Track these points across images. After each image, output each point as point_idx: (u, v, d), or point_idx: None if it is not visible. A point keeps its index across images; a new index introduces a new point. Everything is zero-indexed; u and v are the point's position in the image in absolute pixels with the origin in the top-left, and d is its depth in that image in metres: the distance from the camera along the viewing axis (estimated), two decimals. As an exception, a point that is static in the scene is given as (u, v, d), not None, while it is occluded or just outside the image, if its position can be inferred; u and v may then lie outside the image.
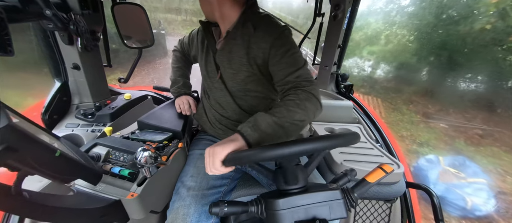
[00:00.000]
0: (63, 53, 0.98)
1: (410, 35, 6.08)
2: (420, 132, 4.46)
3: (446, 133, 4.28)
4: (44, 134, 0.41)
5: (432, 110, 4.97)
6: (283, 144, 0.41)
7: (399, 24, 6.46)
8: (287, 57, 0.63)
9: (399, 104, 5.37)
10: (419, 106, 5.14)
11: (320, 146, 0.43)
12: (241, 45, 0.69)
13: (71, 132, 0.94)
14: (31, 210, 0.41)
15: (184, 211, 0.61)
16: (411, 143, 4.21)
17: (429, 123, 4.69)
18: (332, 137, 0.44)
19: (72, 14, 0.83)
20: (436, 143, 4.12)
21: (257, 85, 0.75)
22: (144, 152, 0.55)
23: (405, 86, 5.72)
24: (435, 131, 4.41)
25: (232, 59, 0.72)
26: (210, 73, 0.83)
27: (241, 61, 0.70)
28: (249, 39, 0.68)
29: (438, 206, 0.82)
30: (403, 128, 4.68)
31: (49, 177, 0.40)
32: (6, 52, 0.53)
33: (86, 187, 0.56)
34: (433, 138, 4.23)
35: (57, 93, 1.00)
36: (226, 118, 0.85)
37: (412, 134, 4.44)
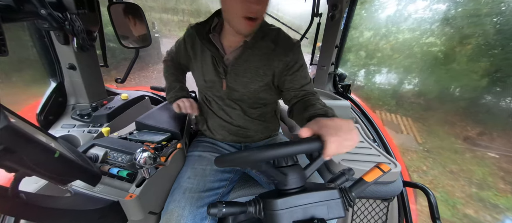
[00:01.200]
0: (58, 53, 0.97)
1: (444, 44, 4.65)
2: (469, 164, 3.62)
3: (500, 166, 3.46)
4: (42, 135, 0.41)
5: (473, 133, 4.09)
6: (278, 145, 0.41)
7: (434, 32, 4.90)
8: (301, 71, 0.75)
9: (433, 125, 4.44)
10: (457, 128, 4.25)
11: (317, 147, 0.43)
12: (260, 57, 0.73)
13: (67, 133, 0.93)
14: (28, 212, 0.40)
15: (179, 212, 0.60)
16: (467, 183, 3.29)
17: (475, 151, 3.81)
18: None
19: (68, 14, 0.82)
20: (495, 181, 3.30)
21: (267, 93, 0.80)
22: (143, 152, 0.54)
23: (436, 102, 4.66)
24: (486, 163, 3.60)
25: (247, 69, 0.73)
26: (211, 82, 0.78)
27: (257, 71, 0.74)
28: (270, 53, 0.74)
29: (435, 204, 0.84)
30: (448, 158, 3.79)
31: (48, 178, 0.40)
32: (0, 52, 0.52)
33: (83, 188, 0.56)
34: (488, 174, 3.39)
35: (53, 94, 0.99)
36: (229, 124, 0.84)
37: (462, 169, 3.56)
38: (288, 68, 0.73)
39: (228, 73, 0.74)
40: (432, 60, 4.70)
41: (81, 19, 0.87)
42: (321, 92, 1.60)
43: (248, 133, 0.85)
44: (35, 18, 0.68)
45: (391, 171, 0.86)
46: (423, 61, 4.79)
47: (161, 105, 1.05)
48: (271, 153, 0.41)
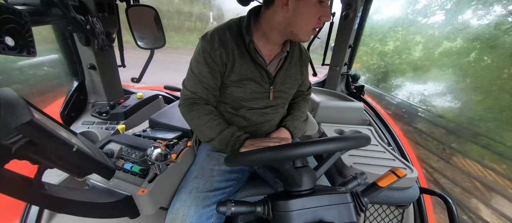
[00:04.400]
0: (80, 54, 1.03)
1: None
2: None
3: None
4: (63, 130, 0.43)
5: None
6: (293, 145, 0.40)
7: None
8: (308, 75, 0.86)
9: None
10: None
11: (329, 148, 0.42)
12: (297, 64, 0.78)
13: (87, 129, 0.98)
14: (50, 202, 0.43)
15: (184, 212, 0.60)
16: None
17: None
18: (342, 139, 0.43)
19: (90, 17, 0.87)
20: None
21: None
22: (155, 149, 0.56)
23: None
24: None
25: (288, 76, 0.77)
26: (256, 93, 0.72)
27: (295, 77, 0.78)
28: (302, 59, 0.80)
29: (455, 214, 0.78)
30: None
31: (67, 171, 0.43)
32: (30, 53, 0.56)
33: (100, 182, 0.59)
34: None
35: (75, 92, 1.06)
36: (252, 125, 0.79)
37: None
38: (306, 71, 0.84)
39: (275, 83, 0.73)
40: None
41: (101, 21, 0.93)
42: (332, 93, 1.57)
43: (263, 129, 0.82)
44: (61, 21, 0.73)
45: (407, 177, 0.82)
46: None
47: (173, 104, 1.08)
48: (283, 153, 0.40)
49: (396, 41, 2.95)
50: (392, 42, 2.96)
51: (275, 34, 0.67)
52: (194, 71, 0.68)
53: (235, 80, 0.69)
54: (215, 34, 0.67)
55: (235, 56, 0.67)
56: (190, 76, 0.70)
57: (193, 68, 0.69)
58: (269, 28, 0.66)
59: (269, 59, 0.72)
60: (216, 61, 0.66)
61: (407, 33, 2.78)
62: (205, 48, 0.66)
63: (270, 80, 0.72)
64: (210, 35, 0.67)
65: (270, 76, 0.72)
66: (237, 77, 0.69)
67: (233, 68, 0.68)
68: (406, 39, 2.79)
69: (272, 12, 0.63)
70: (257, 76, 0.70)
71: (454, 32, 2.09)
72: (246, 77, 0.69)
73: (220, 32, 0.67)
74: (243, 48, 0.67)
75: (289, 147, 0.40)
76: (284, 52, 0.72)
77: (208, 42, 0.66)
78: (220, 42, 0.66)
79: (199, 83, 0.68)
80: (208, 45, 0.65)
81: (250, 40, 0.65)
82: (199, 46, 0.67)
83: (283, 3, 0.59)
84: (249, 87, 0.70)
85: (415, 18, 2.68)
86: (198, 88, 0.69)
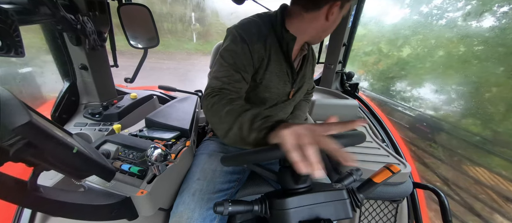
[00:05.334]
0: (71, 54, 1.00)
1: None
2: None
3: None
4: (60, 131, 0.42)
5: None
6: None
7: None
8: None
9: None
10: None
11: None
12: (310, 63, 0.81)
13: (79, 131, 0.96)
14: (45, 205, 0.42)
15: (188, 215, 0.60)
16: None
17: None
18: (337, 136, 0.44)
19: (80, 16, 0.84)
20: None
21: None
22: (155, 150, 0.55)
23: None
24: None
25: (304, 76, 0.78)
26: (280, 92, 0.71)
27: (309, 76, 0.81)
28: (313, 58, 0.83)
29: (447, 207, 0.81)
30: None
31: (65, 173, 0.42)
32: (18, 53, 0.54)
33: (96, 184, 0.58)
34: None
35: (66, 93, 1.03)
36: None
37: None
38: (313, 69, 0.86)
39: (296, 82, 0.75)
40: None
41: (92, 20, 0.90)
42: (328, 91, 1.58)
43: None
44: (50, 20, 0.71)
45: (401, 172, 0.84)
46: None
47: (170, 103, 1.06)
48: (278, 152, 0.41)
49: (417, 48, 2.51)
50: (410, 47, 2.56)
51: (305, 37, 0.68)
52: (228, 60, 0.59)
53: (267, 78, 0.66)
54: (252, 25, 0.62)
55: (272, 52, 0.64)
56: (222, 65, 0.60)
57: (227, 58, 0.60)
58: (303, 30, 0.65)
59: (293, 58, 0.73)
60: (254, 54, 0.61)
61: (424, 37, 2.36)
62: (243, 38, 0.60)
63: (293, 79, 0.74)
64: (247, 24, 0.62)
65: (294, 76, 0.73)
66: (269, 75, 0.66)
67: (268, 66, 0.65)
68: (425, 45, 2.41)
69: (313, 16, 0.62)
70: (285, 76, 0.71)
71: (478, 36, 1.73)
72: (277, 76, 0.68)
73: (255, 24, 0.63)
74: (278, 45, 0.66)
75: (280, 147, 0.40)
76: (304, 51, 0.73)
77: (246, 32, 0.60)
78: (258, 35, 0.62)
79: (235, 72, 0.59)
80: (247, 35, 0.60)
81: (292, 39, 0.64)
82: (235, 36, 0.61)
83: (330, 13, 0.60)
84: (277, 88, 0.69)
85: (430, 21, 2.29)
86: (233, 76, 0.58)
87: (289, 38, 0.64)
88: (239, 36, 0.61)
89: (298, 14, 0.64)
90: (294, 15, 0.65)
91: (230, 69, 0.59)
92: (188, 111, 0.97)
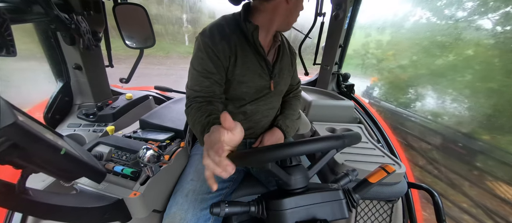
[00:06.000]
0: (65, 53, 0.99)
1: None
2: None
3: None
4: (48, 133, 0.41)
5: None
6: (285, 145, 0.41)
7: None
8: (296, 69, 0.88)
9: None
10: None
11: (321, 147, 0.43)
12: (287, 54, 0.81)
13: (73, 132, 0.94)
14: (35, 209, 0.41)
15: (181, 215, 0.59)
16: None
17: None
18: (334, 137, 0.44)
19: (74, 15, 0.83)
20: None
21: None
22: (147, 151, 0.55)
23: None
24: None
25: (283, 67, 0.78)
26: (259, 86, 0.72)
27: (288, 68, 0.81)
28: (290, 49, 0.83)
29: (440, 206, 0.82)
30: None
31: (54, 175, 0.41)
32: (9, 53, 0.53)
33: (89, 186, 0.57)
34: None
35: (59, 93, 1.01)
36: (246, 123, 0.78)
37: None
38: (294, 63, 0.86)
39: (274, 73, 0.75)
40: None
41: (87, 20, 0.89)
42: (324, 92, 1.59)
43: (260, 124, 0.81)
44: (43, 19, 0.70)
45: (396, 172, 0.85)
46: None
47: (165, 104, 1.06)
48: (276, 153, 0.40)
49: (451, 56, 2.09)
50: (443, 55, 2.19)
51: (274, 25, 0.69)
52: (197, 68, 0.64)
53: (238, 73, 0.67)
54: (214, 28, 0.66)
55: (238, 49, 0.66)
56: (193, 76, 0.66)
57: (196, 66, 0.65)
58: (269, 19, 0.68)
59: (267, 50, 0.74)
60: (220, 55, 0.64)
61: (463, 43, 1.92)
62: (206, 43, 0.63)
63: (270, 71, 0.73)
64: (209, 30, 0.65)
65: (269, 67, 0.73)
66: (240, 71, 0.67)
67: (237, 62, 0.67)
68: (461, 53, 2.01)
69: (273, 5, 0.65)
70: (258, 68, 0.71)
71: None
72: (249, 70, 0.69)
73: (218, 26, 0.66)
74: (244, 40, 0.68)
75: (281, 147, 0.40)
76: (277, 41, 0.75)
77: (208, 37, 0.64)
78: (221, 36, 0.65)
79: (205, 79, 0.64)
80: (209, 40, 0.63)
81: (255, 28, 0.66)
82: (199, 43, 0.65)
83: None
84: (252, 81, 0.70)
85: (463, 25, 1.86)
86: (203, 83, 0.64)
87: (251, 28, 0.66)
88: (202, 43, 0.64)
89: (259, 7, 0.66)
90: (256, 9, 0.67)
91: (199, 76, 0.65)
92: (183, 112, 0.97)
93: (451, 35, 2.11)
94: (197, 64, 0.65)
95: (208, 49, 0.63)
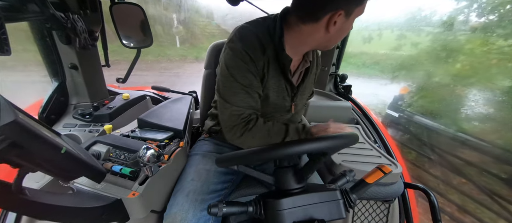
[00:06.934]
0: (60, 53, 0.97)
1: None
2: None
3: None
4: (47, 131, 0.41)
5: None
6: (284, 145, 0.41)
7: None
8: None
9: None
10: None
11: (319, 147, 0.43)
12: (314, 73, 0.77)
13: (68, 132, 0.93)
14: (31, 208, 0.40)
15: (182, 216, 0.59)
16: None
17: None
18: (332, 138, 0.45)
19: (70, 14, 0.82)
20: None
21: None
22: (148, 150, 0.54)
23: None
24: None
25: (306, 88, 0.76)
26: (279, 106, 0.70)
27: (311, 87, 0.80)
28: (317, 66, 0.79)
29: (436, 206, 0.83)
30: None
31: (53, 174, 0.40)
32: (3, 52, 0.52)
33: (86, 186, 0.56)
34: None
35: (55, 93, 1.00)
36: None
37: None
38: (316, 78, 0.84)
39: (296, 96, 0.71)
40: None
41: (83, 19, 0.88)
42: (321, 92, 1.60)
43: None
44: (38, 18, 0.69)
45: (392, 173, 0.86)
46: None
47: (163, 103, 1.05)
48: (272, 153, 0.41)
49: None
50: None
51: (305, 48, 0.64)
52: (241, 82, 0.58)
53: (264, 92, 0.64)
54: (255, 39, 0.59)
55: (270, 67, 0.61)
56: (236, 89, 0.58)
57: (240, 79, 0.58)
58: (302, 42, 0.61)
59: (293, 70, 0.70)
60: (259, 70, 0.60)
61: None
62: (250, 56, 0.58)
63: (293, 93, 0.70)
64: (250, 38, 0.59)
65: (293, 90, 0.69)
66: (266, 90, 0.64)
67: (267, 79, 0.63)
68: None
69: (312, 29, 0.57)
70: (283, 90, 0.67)
71: None
72: (274, 91, 0.65)
73: (255, 38, 0.59)
74: (275, 59, 0.62)
75: (279, 147, 0.41)
76: (307, 62, 0.69)
77: (251, 48, 0.58)
78: (262, 50, 0.59)
79: (251, 95, 0.59)
80: (252, 52, 0.58)
81: (289, 60, 0.60)
82: (240, 53, 0.57)
83: (331, 23, 0.54)
84: (274, 102, 0.67)
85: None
86: (251, 101, 0.60)
87: (284, 59, 0.60)
88: (244, 53, 0.58)
89: (295, 26, 0.59)
90: (291, 26, 0.60)
91: (247, 93, 0.60)
92: (182, 111, 0.96)
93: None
94: (241, 77, 0.58)
95: (250, 64, 0.58)
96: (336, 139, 0.45)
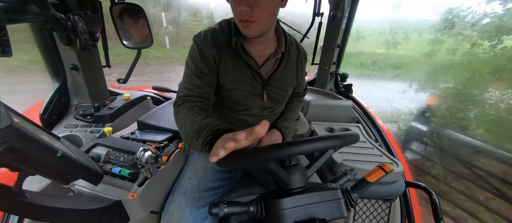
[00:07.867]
0: (61, 54, 0.98)
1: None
2: None
3: None
4: (45, 135, 0.41)
5: None
6: (285, 145, 0.41)
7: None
8: (304, 76, 0.86)
9: None
10: None
11: (320, 146, 0.43)
12: (293, 66, 0.77)
13: (70, 133, 0.93)
14: (31, 211, 0.41)
15: (179, 213, 0.59)
16: None
17: None
18: (333, 137, 0.44)
19: (71, 15, 0.83)
20: None
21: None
22: (145, 152, 0.55)
23: None
24: None
25: (284, 78, 0.75)
26: (247, 95, 0.71)
27: (291, 79, 0.77)
28: (299, 60, 0.79)
29: (438, 204, 0.83)
30: None
31: (51, 177, 0.41)
32: (4, 53, 0.53)
33: (86, 188, 0.56)
34: None
35: (56, 94, 1.00)
36: (249, 125, 0.77)
37: None
38: (302, 72, 0.83)
39: (268, 85, 0.72)
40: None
41: (84, 20, 0.88)
42: (322, 92, 1.60)
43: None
44: (39, 19, 0.69)
45: (394, 171, 0.85)
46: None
47: (162, 105, 1.05)
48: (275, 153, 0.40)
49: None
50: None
51: (259, 28, 0.63)
52: (191, 67, 0.66)
53: (229, 81, 0.68)
54: (208, 34, 0.66)
55: (228, 58, 0.66)
56: (187, 74, 0.67)
57: (190, 65, 0.66)
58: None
59: (261, 60, 0.71)
60: (210, 59, 0.65)
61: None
62: (199, 47, 0.65)
63: (264, 82, 0.71)
64: (204, 35, 0.66)
65: (262, 78, 0.70)
66: (230, 79, 0.68)
67: (226, 70, 0.67)
68: None
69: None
70: (249, 78, 0.69)
71: None
72: (239, 80, 0.68)
73: (212, 33, 0.67)
74: (235, 50, 0.66)
75: (280, 147, 0.40)
76: (278, 53, 0.71)
77: (202, 41, 0.65)
78: (213, 43, 0.65)
79: (197, 78, 0.65)
80: (202, 44, 0.65)
81: (236, 41, 0.65)
82: (194, 45, 0.67)
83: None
84: (243, 89, 0.70)
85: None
86: (196, 82, 0.65)
87: (235, 40, 0.65)
88: (197, 46, 0.66)
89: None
90: None
91: (193, 75, 0.65)
92: None
93: None
94: (191, 64, 0.66)
95: (201, 53, 0.65)
96: (337, 138, 0.45)
